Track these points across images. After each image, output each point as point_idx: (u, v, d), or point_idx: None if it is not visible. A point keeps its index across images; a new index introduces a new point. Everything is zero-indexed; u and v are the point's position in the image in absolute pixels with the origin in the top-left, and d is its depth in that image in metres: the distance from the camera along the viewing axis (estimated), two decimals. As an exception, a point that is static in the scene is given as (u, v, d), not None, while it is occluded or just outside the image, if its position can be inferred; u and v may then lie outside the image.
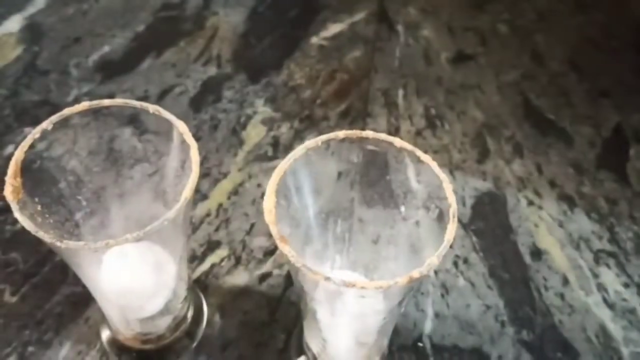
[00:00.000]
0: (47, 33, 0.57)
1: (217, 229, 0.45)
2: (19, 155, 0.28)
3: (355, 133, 0.30)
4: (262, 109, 0.53)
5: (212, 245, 0.44)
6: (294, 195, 0.30)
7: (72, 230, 0.33)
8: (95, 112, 0.31)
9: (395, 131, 0.51)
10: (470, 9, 0.62)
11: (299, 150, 0.29)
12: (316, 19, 0.61)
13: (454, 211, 0.27)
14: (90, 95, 0.52)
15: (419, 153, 0.29)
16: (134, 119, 0.32)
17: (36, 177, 0.30)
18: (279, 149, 0.50)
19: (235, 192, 0.47)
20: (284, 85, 0.55)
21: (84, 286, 0.39)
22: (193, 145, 0.29)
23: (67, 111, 0.30)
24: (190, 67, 0.55)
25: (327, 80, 0.55)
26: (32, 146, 0.29)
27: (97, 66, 0.55)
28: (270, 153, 0.50)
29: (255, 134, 0.51)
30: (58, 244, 0.26)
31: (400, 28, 0.60)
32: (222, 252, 0.44)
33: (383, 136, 0.30)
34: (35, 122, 0.50)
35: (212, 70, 0.55)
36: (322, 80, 0.55)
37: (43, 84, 0.53)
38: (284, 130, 0.51)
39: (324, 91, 0.54)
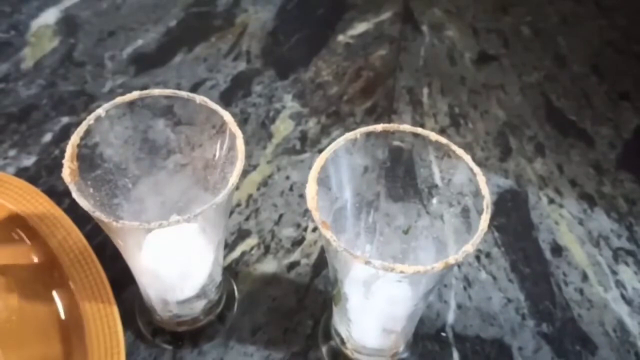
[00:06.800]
0: (82, 26, 0.59)
1: (247, 219, 0.46)
2: (74, 139, 0.30)
3: (392, 127, 0.32)
4: (291, 104, 0.54)
5: (242, 234, 0.46)
6: (332, 185, 0.32)
7: (116, 214, 0.34)
8: (140, 101, 0.33)
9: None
10: (494, 11, 0.64)
11: (339, 141, 0.31)
12: (343, 17, 0.62)
13: (487, 202, 0.29)
14: (125, 87, 0.54)
15: (454, 147, 0.31)
16: (173, 109, 0.33)
17: (87, 161, 0.31)
18: (306, 142, 0.51)
19: (264, 183, 0.49)
20: (311, 81, 0.56)
21: (120, 269, 0.40)
22: (239, 135, 0.31)
23: (119, 100, 0.31)
24: (220, 62, 0.57)
25: (353, 78, 0.57)
26: (86, 132, 0.30)
27: (131, 59, 0.56)
28: (298, 147, 0.51)
29: (283, 128, 0.52)
30: (115, 223, 0.27)
31: (425, 28, 0.61)
32: (252, 241, 0.45)
33: (419, 130, 0.31)
34: (72, 112, 0.52)
35: (242, 66, 0.57)
36: (348, 77, 0.57)
37: (79, 75, 0.55)
38: (312, 125, 0.53)
39: (351, 88, 0.56)
